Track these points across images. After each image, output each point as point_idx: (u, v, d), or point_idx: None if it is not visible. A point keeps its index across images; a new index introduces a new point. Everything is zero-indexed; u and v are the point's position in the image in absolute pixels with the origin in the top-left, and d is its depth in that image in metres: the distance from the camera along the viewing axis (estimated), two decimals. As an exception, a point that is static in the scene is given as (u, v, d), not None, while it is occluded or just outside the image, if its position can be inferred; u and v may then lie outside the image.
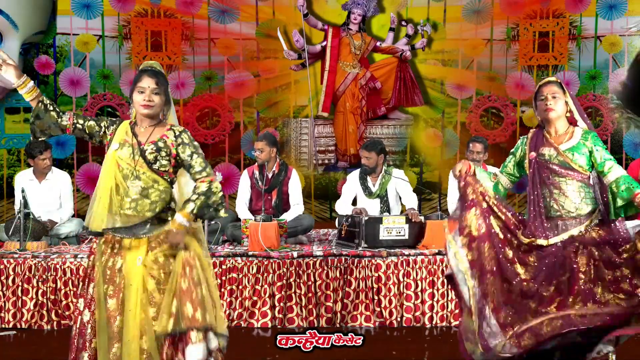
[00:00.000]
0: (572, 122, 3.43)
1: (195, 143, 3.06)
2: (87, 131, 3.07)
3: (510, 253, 3.30)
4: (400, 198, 5.82)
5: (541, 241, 3.28)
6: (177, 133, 3.04)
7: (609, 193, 3.27)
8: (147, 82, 3.00)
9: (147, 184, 2.97)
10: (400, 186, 5.77)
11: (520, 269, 3.28)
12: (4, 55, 2.96)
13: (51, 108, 3.02)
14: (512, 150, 3.58)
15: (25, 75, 2.99)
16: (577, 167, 3.30)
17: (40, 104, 3.00)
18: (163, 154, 2.99)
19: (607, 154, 3.32)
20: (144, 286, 2.92)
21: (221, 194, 3.01)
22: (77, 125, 3.05)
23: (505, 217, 3.35)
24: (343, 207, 5.74)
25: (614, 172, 3.27)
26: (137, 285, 2.92)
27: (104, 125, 3.08)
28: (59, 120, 3.03)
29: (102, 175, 3.00)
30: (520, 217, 3.41)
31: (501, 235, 3.32)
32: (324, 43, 7.96)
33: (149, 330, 2.89)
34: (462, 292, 3.27)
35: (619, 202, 3.23)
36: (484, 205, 3.34)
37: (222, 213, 3.02)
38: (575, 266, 3.23)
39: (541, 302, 3.22)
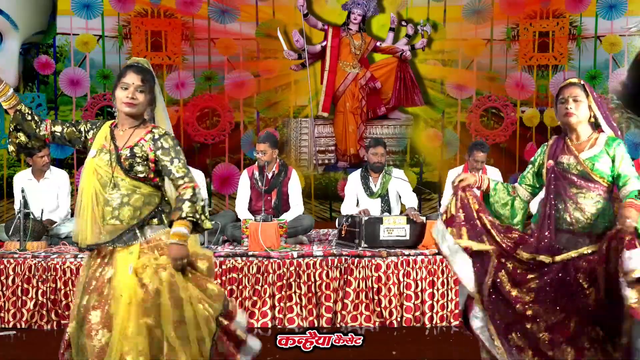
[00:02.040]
0: (597, 128, 3.11)
1: (178, 147, 2.81)
2: (67, 138, 2.90)
3: (504, 278, 3.04)
4: (400, 198, 5.83)
5: (543, 258, 3.00)
6: (157, 137, 2.80)
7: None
8: (132, 79, 2.79)
9: (128, 190, 2.76)
10: (401, 186, 5.78)
11: (517, 292, 3.02)
12: None
13: (29, 118, 2.85)
14: (531, 160, 3.28)
15: (3, 81, 2.83)
16: (597, 179, 3.02)
17: (18, 113, 2.84)
18: (138, 160, 2.77)
19: (628, 167, 3.01)
20: (135, 296, 2.69)
21: (203, 202, 2.78)
22: (55, 133, 2.88)
23: (500, 237, 3.07)
24: (348, 209, 5.75)
25: (629, 186, 2.96)
26: (127, 297, 2.68)
27: (84, 130, 2.88)
28: (37, 130, 2.86)
29: (81, 185, 2.81)
30: (521, 233, 3.14)
31: (493, 263, 3.06)
32: (324, 43, 7.96)
33: (142, 341, 2.67)
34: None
35: None
36: (479, 224, 3.10)
37: (208, 224, 2.78)
38: (580, 288, 2.95)
39: (551, 330, 2.96)
